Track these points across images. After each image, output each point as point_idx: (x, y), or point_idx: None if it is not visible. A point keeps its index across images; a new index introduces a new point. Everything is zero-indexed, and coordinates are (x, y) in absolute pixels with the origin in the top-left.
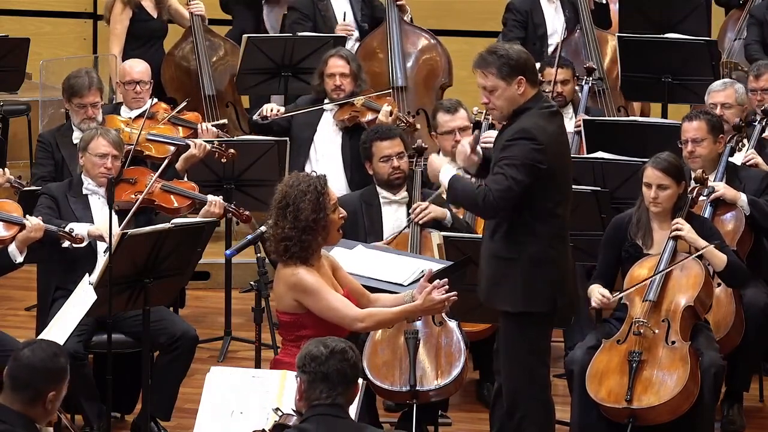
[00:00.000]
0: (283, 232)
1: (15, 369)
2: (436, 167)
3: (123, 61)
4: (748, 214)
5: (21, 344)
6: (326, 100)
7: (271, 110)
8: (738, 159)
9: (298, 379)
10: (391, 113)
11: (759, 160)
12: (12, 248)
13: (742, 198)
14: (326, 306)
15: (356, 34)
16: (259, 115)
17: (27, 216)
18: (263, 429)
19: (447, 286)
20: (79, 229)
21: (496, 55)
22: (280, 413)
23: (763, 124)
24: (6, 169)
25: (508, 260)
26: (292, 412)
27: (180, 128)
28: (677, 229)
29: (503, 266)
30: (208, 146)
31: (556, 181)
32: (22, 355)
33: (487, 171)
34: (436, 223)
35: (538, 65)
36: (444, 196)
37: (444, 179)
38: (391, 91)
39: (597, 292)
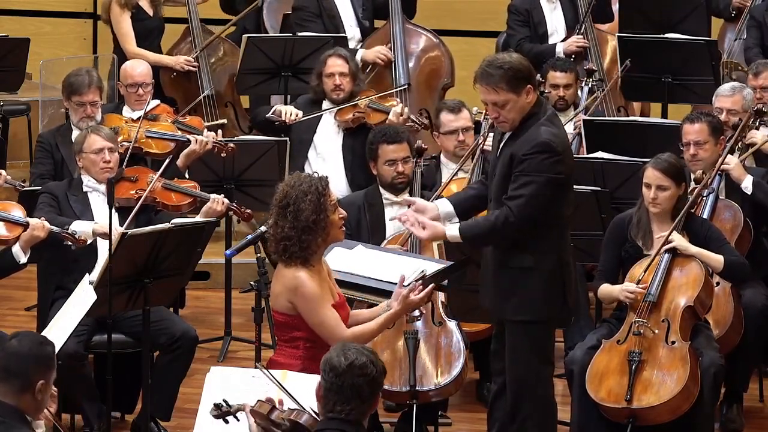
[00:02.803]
0: (282, 231)
1: (3, 359)
2: (438, 234)
3: (140, 53)
4: (749, 194)
5: (7, 336)
6: (325, 101)
7: (289, 114)
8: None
9: (319, 381)
10: (401, 114)
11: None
12: (16, 249)
13: (748, 178)
14: (318, 320)
15: (358, 33)
16: (274, 113)
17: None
18: (272, 405)
19: (422, 286)
20: (83, 227)
21: (503, 69)
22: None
23: (757, 124)
24: (3, 171)
25: (524, 270)
26: (309, 410)
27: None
28: (668, 242)
29: (519, 276)
30: (210, 143)
31: (569, 187)
32: (9, 345)
33: (463, 213)
34: None
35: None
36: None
37: (453, 234)
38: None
39: (622, 290)
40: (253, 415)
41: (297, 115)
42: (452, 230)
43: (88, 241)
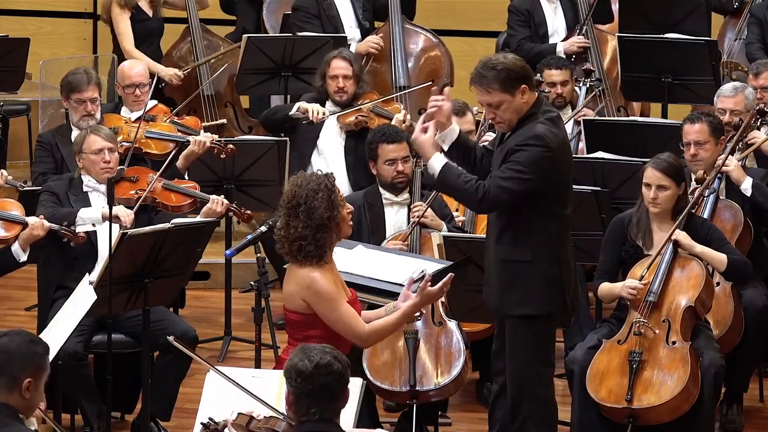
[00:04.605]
0: (296, 231)
1: None
2: (427, 153)
3: (137, 54)
4: (748, 196)
5: (1, 333)
6: (328, 101)
7: (316, 113)
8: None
9: (286, 389)
10: (404, 121)
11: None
12: (16, 247)
13: (747, 180)
14: (336, 318)
15: (358, 34)
16: (298, 110)
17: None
18: (251, 416)
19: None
20: (92, 213)
21: (496, 70)
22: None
23: (759, 124)
24: (4, 171)
25: (521, 263)
26: (282, 417)
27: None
28: (672, 239)
29: (516, 269)
30: (208, 143)
31: (566, 185)
32: (0, 342)
33: (457, 149)
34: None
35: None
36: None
37: (435, 165)
38: (395, 95)
39: (624, 286)
40: (234, 428)
41: (324, 113)
42: (437, 161)
43: (97, 226)
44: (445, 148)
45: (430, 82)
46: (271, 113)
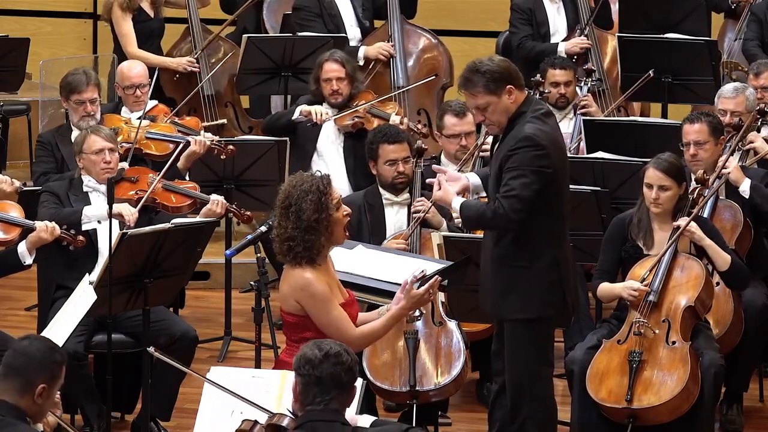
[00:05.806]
0: (286, 232)
1: (10, 356)
2: (448, 198)
3: (141, 55)
4: (747, 197)
5: (11, 337)
6: (324, 104)
7: (320, 114)
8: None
9: (294, 380)
10: (401, 122)
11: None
12: (22, 249)
13: (746, 182)
14: (327, 321)
15: (358, 33)
16: (301, 114)
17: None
18: (255, 420)
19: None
20: (96, 210)
21: (480, 73)
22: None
23: (759, 124)
24: (16, 181)
25: (520, 267)
26: (287, 413)
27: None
28: (688, 230)
29: (516, 274)
30: (209, 143)
31: (560, 183)
32: (20, 344)
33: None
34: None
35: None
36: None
37: (455, 206)
38: (393, 95)
39: (624, 288)
40: None
41: (327, 114)
42: (456, 202)
43: (102, 224)
44: (484, 194)
45: (433, 77)
46: (273, 119)
